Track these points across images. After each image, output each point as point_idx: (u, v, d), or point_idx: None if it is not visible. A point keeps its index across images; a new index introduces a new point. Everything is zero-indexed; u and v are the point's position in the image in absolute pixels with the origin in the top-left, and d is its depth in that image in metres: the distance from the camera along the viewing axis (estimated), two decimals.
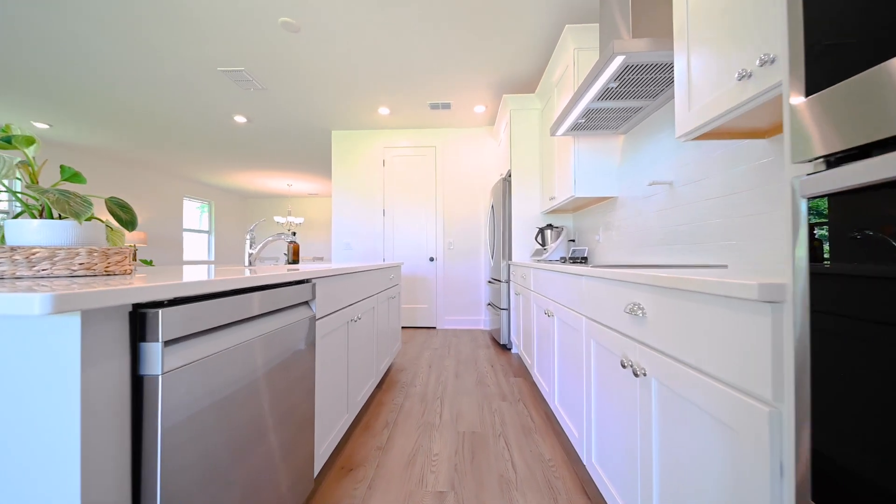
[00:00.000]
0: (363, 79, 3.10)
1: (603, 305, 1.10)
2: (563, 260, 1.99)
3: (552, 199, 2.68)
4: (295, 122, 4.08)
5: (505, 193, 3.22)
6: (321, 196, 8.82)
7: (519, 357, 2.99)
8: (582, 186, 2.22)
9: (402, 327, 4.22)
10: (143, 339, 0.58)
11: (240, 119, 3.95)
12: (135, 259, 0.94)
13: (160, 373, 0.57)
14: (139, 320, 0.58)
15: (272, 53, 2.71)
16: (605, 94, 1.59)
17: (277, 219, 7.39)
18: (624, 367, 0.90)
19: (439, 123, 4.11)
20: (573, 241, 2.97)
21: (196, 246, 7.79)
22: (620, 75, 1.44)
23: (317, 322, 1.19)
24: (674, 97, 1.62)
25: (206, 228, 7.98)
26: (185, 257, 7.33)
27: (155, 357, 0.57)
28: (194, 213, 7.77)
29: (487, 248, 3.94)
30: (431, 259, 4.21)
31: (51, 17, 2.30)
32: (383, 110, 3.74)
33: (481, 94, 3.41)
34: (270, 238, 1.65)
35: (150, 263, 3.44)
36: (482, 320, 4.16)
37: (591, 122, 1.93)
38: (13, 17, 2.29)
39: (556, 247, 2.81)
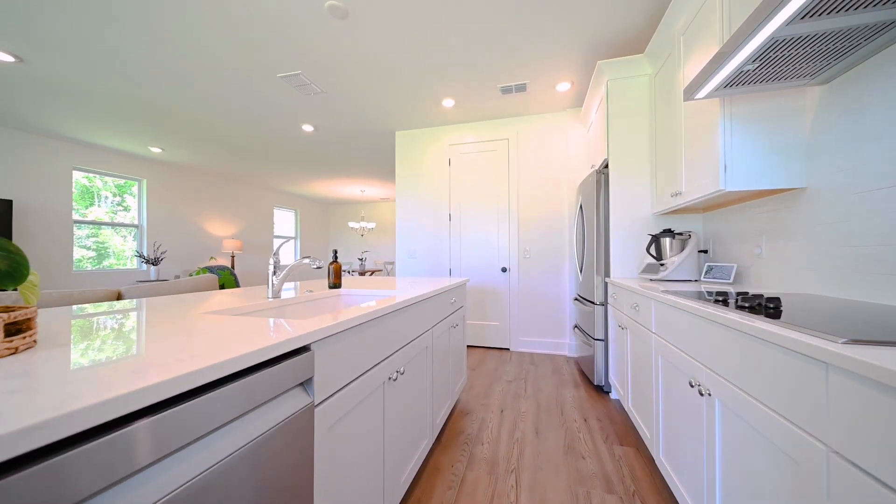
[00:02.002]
0: (422, 66, 2.70)
1: None
2: (716, 300, 1.27)
3: (676, 195, 1.90)
4: (358, 126, 3.90)
5: (599, 189, 2.49)
6: (391, 200, 8.88)
7: (620, 406, 2.26)
8: (737, 176, 1.44)
9: (470, 346, 3.74)
10: None
11: (307, 128, 3.92)
12: (23, 333, 0.59)
13: None
14: None
15: (324, 49, 2.46)
16: (822, 2, 0.86)
17: (352, 224, 7.58)
18: None
19: (512, 111, 3.52)
20: (704, 251, 2.12)
21: (285, 251, 8.48)
22: None
23: (317, 409, 0.76)
24: None
25: (293, 234, 8.63)
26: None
27: None
28: (287, 219, 8.46)
29: (574, 258, 3.23)
30: (504, 269, 3.64)
31: (136, 44, 2.37)
32: (447, 102, 3.31)
33: (566, 67, 2.73)
34: (293, 263, 1.30)
35: (229, 279, 3.55)
36: (566, 345, 3.45)
37: (769, 69, 1.17)
38: (112, 49, 2.42)
39: (680, 261, 2.01)
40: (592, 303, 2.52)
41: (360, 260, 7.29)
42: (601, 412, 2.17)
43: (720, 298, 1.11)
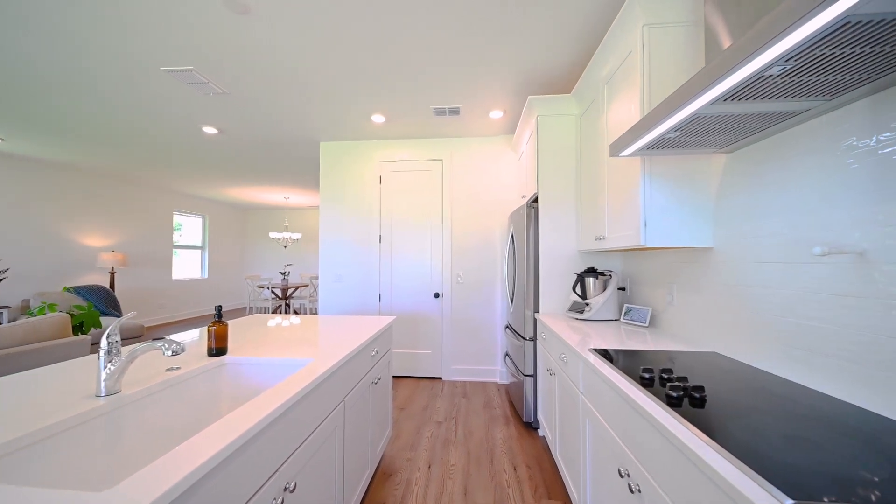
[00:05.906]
0: (344, 79, 2.42)
1: None
2: (643, 377, 1.24)
3: (600, 239, 1.93)
4: (275, 133, 3.43)
5: (529, 222, 2.47)
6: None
7: (548, 445, 2.23)
8: (656, 232, 1.47)
9: (401, 377, 3.50)
10: None
11: (209, 130, 3.33)
12: None
13: None
14: None
15: (223, 46, 2.05)
16: (753, 86, 0.84)
17: (273, 234, 6.81)
18: None
19: (446, 132, 3.40)
20: (623, 289, 2.21)
21: (189, 263, 7.28)
22: (812, 46, 0.69)
23: None
24: (875, 91, 0.86)
25: (199, 244, 7.46)
26: (175, 276, 6.81)
27: None
28: (193, 226, 7.27)
29: (506, 287, 3.20)
30: (437, 295, 3.49)
31: None
32: (377, 118, 3.06)
33: (498, 95, 2.69)
34: (138, 347, 0.95)
35: (91, 315, 2.79)
36: (497, 372, 3.41)
37: (687, 138, 1.18)
38: None
39: (604, 301, 2.05)
40: (523, 337, 2.48)
41: (283, 274, 6.57)
42: (530, 456, 2.11)
43: (647, 377, 1.06)
